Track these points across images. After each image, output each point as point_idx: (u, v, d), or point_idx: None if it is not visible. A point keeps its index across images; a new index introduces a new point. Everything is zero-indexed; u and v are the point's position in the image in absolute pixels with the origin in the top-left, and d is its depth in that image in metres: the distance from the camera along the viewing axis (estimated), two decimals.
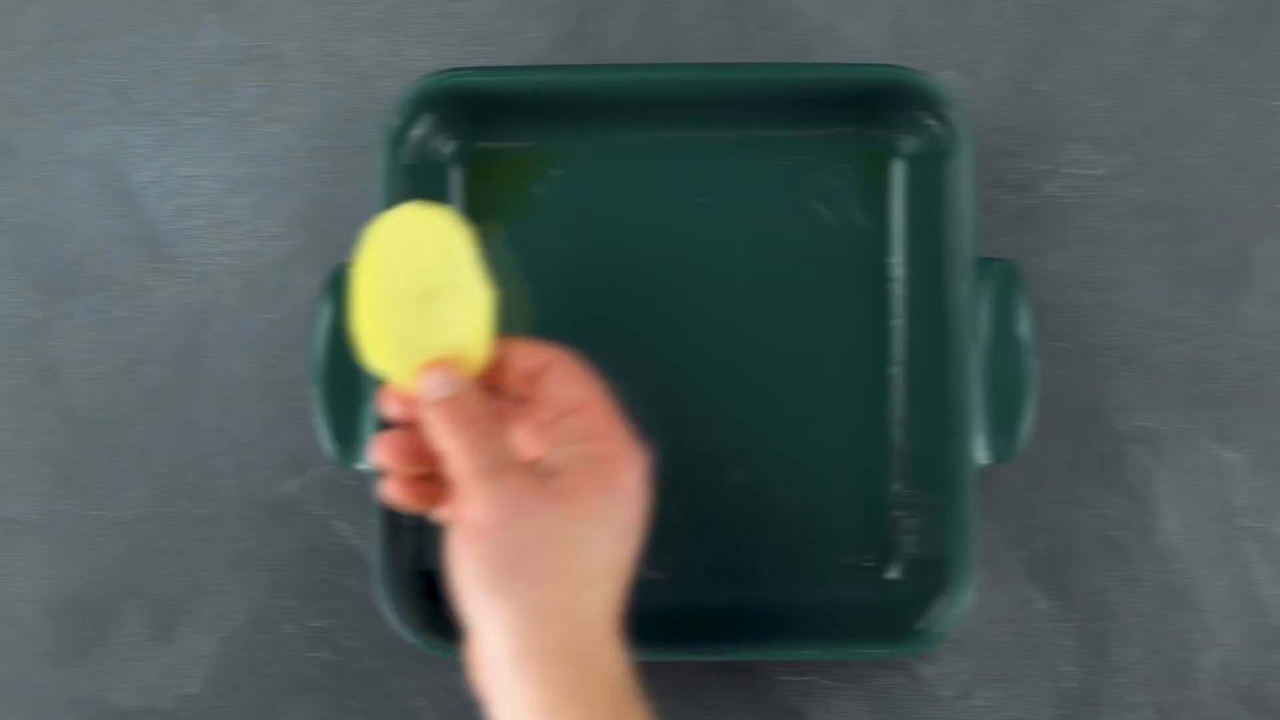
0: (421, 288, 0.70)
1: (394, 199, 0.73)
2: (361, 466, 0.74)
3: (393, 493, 0.69)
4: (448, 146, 0.79)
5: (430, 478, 0.69)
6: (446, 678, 0.80)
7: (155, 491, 0.81)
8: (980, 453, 0.74)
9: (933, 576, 0.76)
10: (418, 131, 0.76)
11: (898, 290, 0.79)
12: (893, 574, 0.79)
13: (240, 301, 0.81)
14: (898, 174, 0.79)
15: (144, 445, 0.81)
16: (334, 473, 0.80)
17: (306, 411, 0.79)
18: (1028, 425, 0.74)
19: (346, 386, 0.74)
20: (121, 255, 0.81)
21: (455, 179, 0.79)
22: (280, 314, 0.81)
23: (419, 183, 0.77)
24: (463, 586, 0.64)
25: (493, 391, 0.69)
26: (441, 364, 0.67)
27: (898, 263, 0.79)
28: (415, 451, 0.68)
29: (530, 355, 0.69)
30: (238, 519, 0.81)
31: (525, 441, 0.69)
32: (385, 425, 0.70)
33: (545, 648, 0.62)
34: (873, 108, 0.77)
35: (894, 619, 0.76)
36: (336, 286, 0.74)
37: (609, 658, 0.65)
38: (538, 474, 0.66)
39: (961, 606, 0.74)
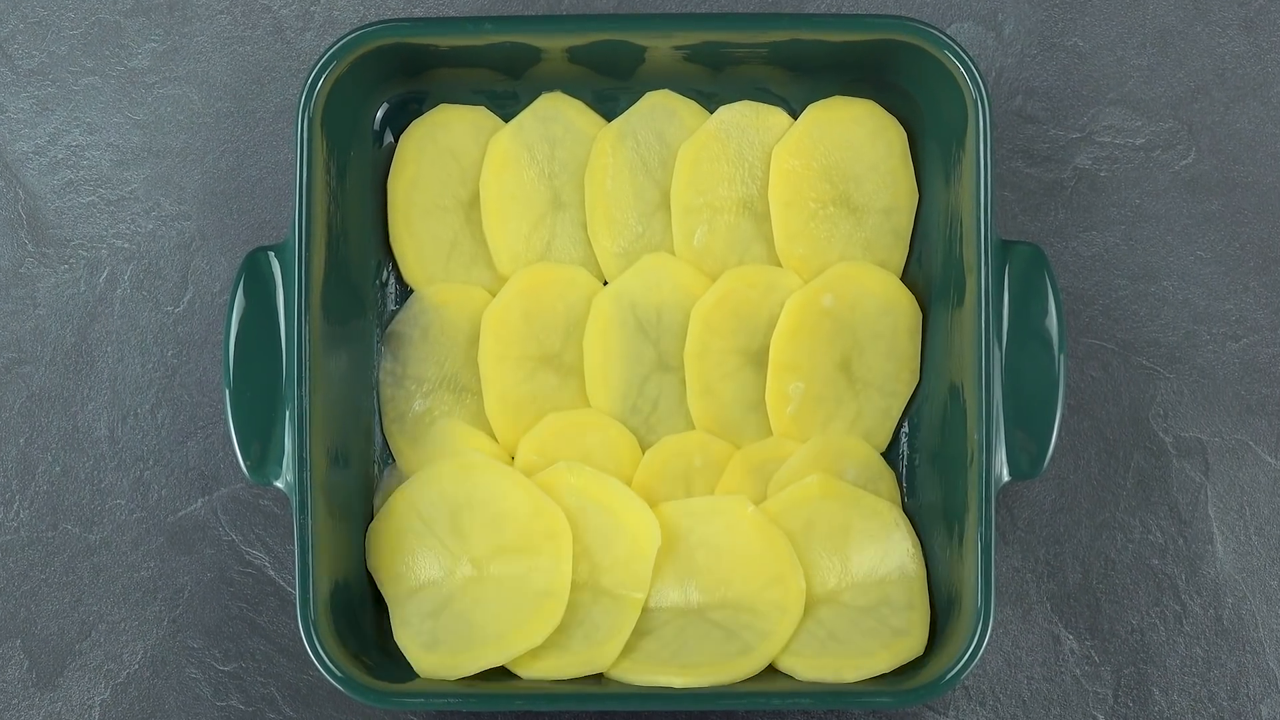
0: (467, 194, 0.76)
1: (316, 172, 0.72)
2: (279, 484, 0.72)
3: None
4: (379, 111, 0.77)
5: None
6: None
7: (37, 513, 0.79)
8: (1001, 468, 0.72)
9: (945, 612, 0.74)
10: (344, 94, 0.74)
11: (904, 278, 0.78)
12: None
13: (137, 291, 0.79)
14: (904, 144, 0.77)
15: (24, 459, 0.79)
16: (247, 491, 0.79)
17: (215, 420, 0.79)
18: (1055, 436, 0.72)
19: (262, 391, 0.72)
20: None
21: (388, 148, 0.77)
22: (184, 306, 0.79)
23: (345, 153, 0.75)
24: None
25: None
26: None
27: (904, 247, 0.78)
28: None
29: None
30: (134, 545, 0.79)
31: None
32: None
33: None
34: (874, 68, 0.75)
35: (920, 655, 0.74)
36: (250, 273, 0.73)
37: None
38: None
39: (978, 648, 0.72)
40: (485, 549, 0.73)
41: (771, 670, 0.73)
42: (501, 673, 0.73)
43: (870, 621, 0.73)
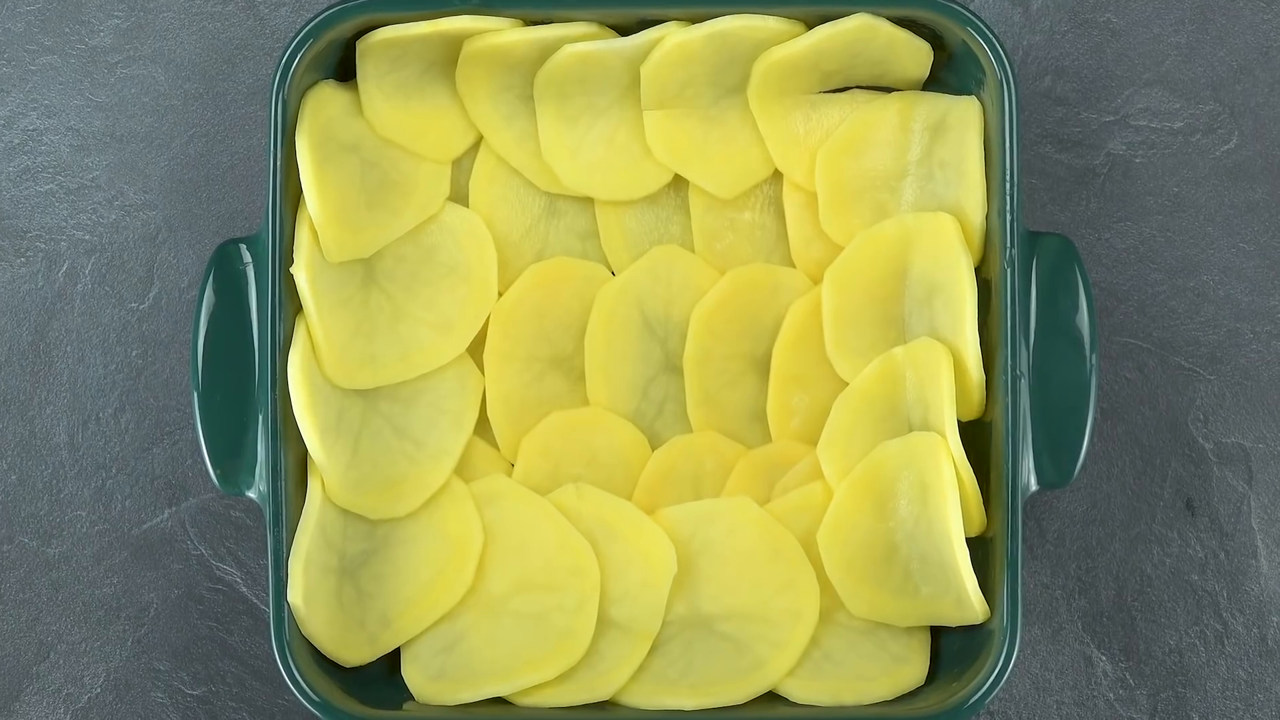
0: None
1: (290, 159, 0.72)
2: (251, 494, 0.72)
3: None
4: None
5: None
6: None
7: None
8: (1028, 477, 0.72)
9: (969, 632, 0.73)
10: (320, 75, 0.73)
11: None
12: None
13: (99, 287, 0.80)
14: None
15: None
16: (217, 502, 0.79)
17: (183, 425, 0.79)
18: (1087, 442, 0.72)
19: (233, 393, 0.72)
20: None
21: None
22: (149, 302, 0.80)
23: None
24: None
25: None
26: None
27: None
28: None
29: None
30: (95, 560, 0.79)
31: None
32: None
33: None
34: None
35: (921, 685, 0.74)
36: (220, 267, 0.73)
37: None
38: None
39: (1004, 670, 0.71)
40: (506, 584, 0.71)
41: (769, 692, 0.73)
42: (497, 699, 0.72)
43: (868, 645, 0.71)
